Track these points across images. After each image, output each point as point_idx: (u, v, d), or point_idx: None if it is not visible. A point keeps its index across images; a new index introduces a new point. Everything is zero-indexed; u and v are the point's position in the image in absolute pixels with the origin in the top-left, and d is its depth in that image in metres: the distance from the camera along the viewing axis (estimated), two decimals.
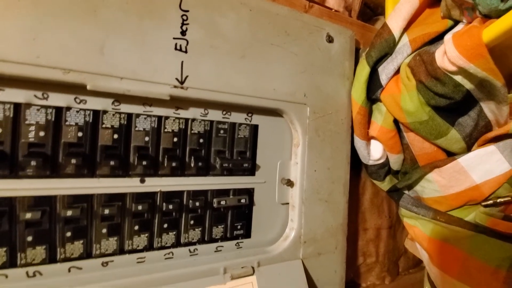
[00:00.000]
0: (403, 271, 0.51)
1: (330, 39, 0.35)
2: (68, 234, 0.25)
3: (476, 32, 0.26)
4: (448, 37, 0.27)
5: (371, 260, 0.45)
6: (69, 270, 0.25)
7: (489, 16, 0.26)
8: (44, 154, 0.23)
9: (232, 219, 0.32)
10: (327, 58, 0.35)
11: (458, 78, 0.28)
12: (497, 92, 0.28)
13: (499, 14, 0.26)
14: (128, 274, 0.26)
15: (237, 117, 0.31)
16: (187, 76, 0.27)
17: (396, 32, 0.33)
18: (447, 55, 0.27)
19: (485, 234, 0.32)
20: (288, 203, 0.35)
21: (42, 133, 0.23)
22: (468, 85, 0.29)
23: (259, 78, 0.30)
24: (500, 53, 0.29)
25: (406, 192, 0.40)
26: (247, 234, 0.33)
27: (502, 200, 0.33)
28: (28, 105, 0.23)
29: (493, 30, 0.24)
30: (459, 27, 0.31)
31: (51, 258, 0.24)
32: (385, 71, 0.33)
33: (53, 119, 0.23)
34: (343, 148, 0.37)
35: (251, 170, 0.33)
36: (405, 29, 0.33)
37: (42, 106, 0.23)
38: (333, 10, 0.40)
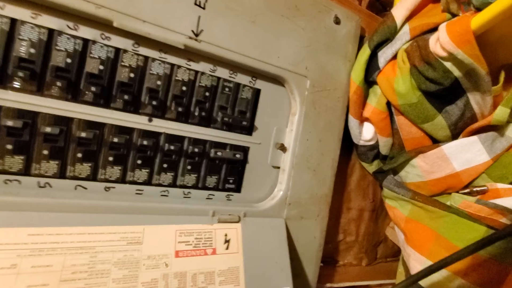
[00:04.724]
0: (381, 258, 0.53)
1: (337, 21, 0.37)
2: (79, 155, 0.28)
3: (466, 19, 0.28)
4: (442, 25, 0.30)
5: (351, 239, 0.47)
6: (76, 188, 0.28)
7: (481, 8, 0.28)
8: (69, 79, 0.26)
9: (226, 172, 0.35)
10: (332, 38, 0.37)
11: (448, 64, 0.31)
12: (482, 81, 0.31)
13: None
14: (126, 201, 0.29)
15: (242, 79, 0.34)
16: (201, 30, 0.30)
17: (398, 20, 0.35)
18: (439, 41, 0.30)
19: (457, 215, 0.35)
20: (279, 167, 0.37)
21: (69, 60, 0.26)
22: (456, 72, 0.31)
23: (265, 44, 0.33)
24: (491, 48, 0.31)
25: (391, 175, 0.43)
26: (238, 189, 0.36)
27: (478, 189, 0.36)
28: (60, 33, 0.26)
29: (480, 18, 0.27)
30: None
31: (61, 174, 0.27)
32: (384, 55, 0.36)
33: (80, 49, 0.26)
34: (336, 124, 0.39)
35: (249, 129, 0.35)
36: (408, 19, 0.36)
37: (72, 36, 0.26)
38: None
